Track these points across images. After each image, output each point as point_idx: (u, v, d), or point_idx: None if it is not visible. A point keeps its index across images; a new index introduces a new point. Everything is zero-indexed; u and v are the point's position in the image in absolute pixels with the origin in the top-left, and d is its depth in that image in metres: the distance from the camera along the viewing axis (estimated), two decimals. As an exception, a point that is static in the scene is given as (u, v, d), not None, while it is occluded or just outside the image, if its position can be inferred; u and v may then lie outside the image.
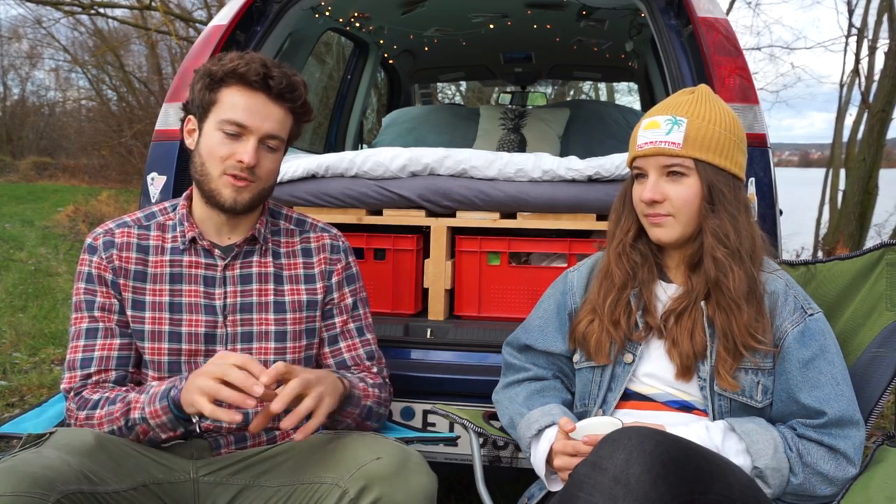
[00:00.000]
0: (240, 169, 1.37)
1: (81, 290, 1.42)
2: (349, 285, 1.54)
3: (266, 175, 1.42)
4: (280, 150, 1.44)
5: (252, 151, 1.36)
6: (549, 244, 2.05)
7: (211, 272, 1.45)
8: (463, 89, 12.34)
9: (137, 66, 17.34)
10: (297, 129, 1.48)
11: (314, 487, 1.24)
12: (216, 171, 1.38)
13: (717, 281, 1.29)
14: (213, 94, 1.39)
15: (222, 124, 1.37)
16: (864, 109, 7.67)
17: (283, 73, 1.39)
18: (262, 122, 1.37)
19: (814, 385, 1.27)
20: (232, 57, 1.39)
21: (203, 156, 1.39)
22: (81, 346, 1.39)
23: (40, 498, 1.05)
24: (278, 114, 1.40)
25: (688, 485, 1.03)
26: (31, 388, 3.39)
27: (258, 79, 1.36)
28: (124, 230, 1.46)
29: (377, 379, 1.51)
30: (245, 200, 1.40)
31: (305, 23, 2.77)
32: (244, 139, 1.37)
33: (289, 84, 1.39)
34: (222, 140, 1.37)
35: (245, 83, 1.37)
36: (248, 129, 1.37)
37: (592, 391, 1.41)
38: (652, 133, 1.32)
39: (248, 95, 1.37)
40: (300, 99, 1.42)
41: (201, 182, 1.41)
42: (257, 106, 1.37)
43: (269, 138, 1.39)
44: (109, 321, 1.40)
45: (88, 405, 1.34)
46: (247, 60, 1.38)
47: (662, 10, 2.14)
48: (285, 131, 1.43)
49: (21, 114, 23.70)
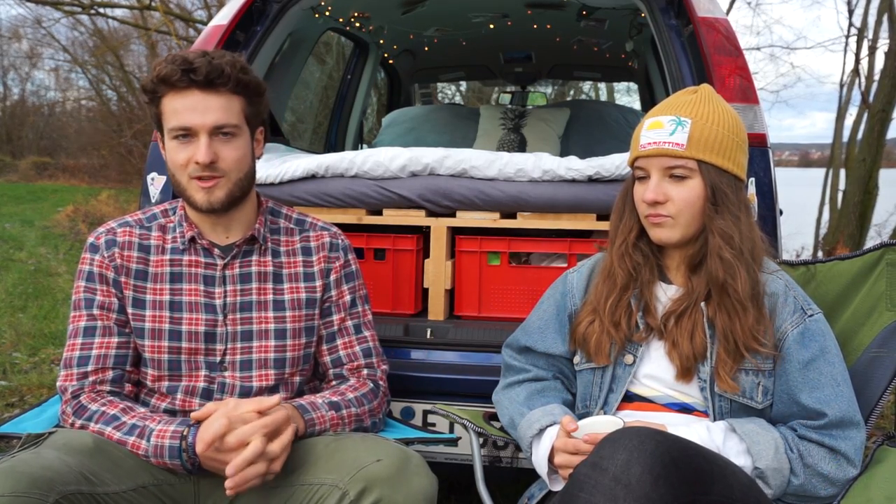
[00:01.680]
0: (200, 170, 1.36)
1: (81, 288, 1.42)
2: (348, 283, 1.54)
3: (233, 165, 1.39)
4: (240, 135, 1.40)
5: (204, 149, 1.35)
6: (549, 244, 2.05)
7: (211, 271, 1.45)
8: (463, 89, 12.34)
9: (137, 66, 17.36)
10: (252, 107, 1.43)
11: (314, 489, 1.24)
12: (184, 179, 1.39)
13: (724, 282, 1.28)
14: (157, 108, 1.39)
15: (171, 132, 1.37)
16: (864, 109, 7.67)
17: (207, 60, 1.34)
18: (203, 118, 1.35)
19: (814, 386, 1.27)
20: (155, 64, 1.37)
21: (170, 168, 1.41)
22: (79, 344, 1.39)
23: (39, 498, 1.05)
24: (217, 102, 1.36)
25: (688, 485, 1.03)
26: (31, 388, 3.39)
27: (179, 76, 1.33)
28: (126, 229, 1.46)
29: (364, 386, 1.49)
30: (220, 198, 1.38)
31: (305, 23, 2.76)
32: (194, 140, 1.36)
33: (212, 69, 1.34)
34: (177, 147, 1.37)
35: (171, 86, 1.35)
36: (191, 129, 1.36)
37: (593, 392, 1.40)
38: (655, 133, 1.31)
39: (181, 96, 1.35)
40: (231, 80, 1.36)
41: (179, 193, 1.43)
42: (193, 103, 1.35)
43: (220, 128, 1.37)
44: (108, 320, 1.40)
45: (84, 415, 1.33)
46: (168, 61, 1.35)
47: (662, 9, 2.14)
48: (235, 115, 1.39)
49: (21, 114, 23.71)
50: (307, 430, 1.34)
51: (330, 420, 1.38)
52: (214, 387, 1.41)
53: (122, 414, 1.32)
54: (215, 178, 1.37)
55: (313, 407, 1.37)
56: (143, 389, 1.44)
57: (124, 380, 1.40)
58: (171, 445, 1.26)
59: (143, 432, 1.28)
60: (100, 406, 1.33)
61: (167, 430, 1.27)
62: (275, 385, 1.44)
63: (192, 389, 1.41)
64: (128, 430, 1.29)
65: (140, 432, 1.29)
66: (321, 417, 1.36)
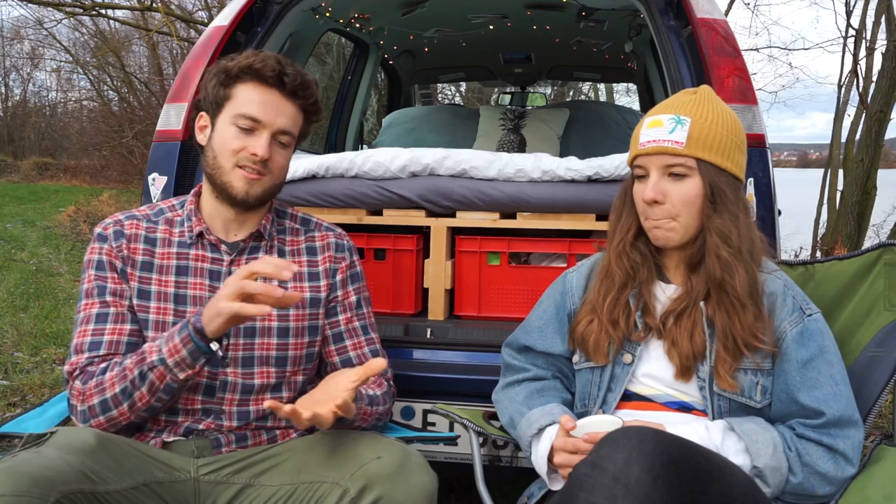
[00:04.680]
0: (252, 162, 1.40)
1: (92, 276, 1.42)
2: (353, 283, 1.55)
3: (277, 170, 1.45)
4: (291, 147, 1.48)
5: (266, 145, 1.40)
6: (548, 244, 2.05)
7: (217, 266, 1.45)
8: (463, 90, 12.35)
9: (138, 67, 17.38)
10: (307, 127, 1.51)
11: (315, 486, 1.25)
12: (229, 164, 1.41)
13: (722, 281, 1.29)
14: (228, 90, 1.42)
15: (236, 119, 1.40)
16: (862, 110, 7.65)
17: (297, 71, 1.44)
18: (275, 118, 1.41)
19: (812, 385, 1.27)
20: (247, 54, 1.43)
21: (216, 149, 1.42)
22: (91, 330, 1.37)
23: (40, 498, 1.05)
24: (291, 110, 1.44)
25: (687, 484, 1.03)
26: (33, 388, 3.40)
27: (273, 75, 1.40)
28: (133, 222, 1.47)
29: (383, 386, 1.51)
30: (257, 193, 1.42)
31: (306, 24, 2.77)
32: (257, 133, 1.40)
33: (302, 82, 1.43)
34: (236, 134, 1.40)
35: (260, 79, 1.41)
36: (261, 123, 1.40)
37: (592, 392, 1.41)
38: (655, 131, 1.32)
39: (263, 91, 1.41)
40: (312, 97, 1.46)
41: (213, 176, 1.43)
42: (271, 101, 1.41)
43: (282, 133, 1.43)
44: (121, 306, 1.40)
45: (96, 374, 1.32)
46: (262, 57, 1.41)
47: (661, 10, 2.14)
48: (297, 128, 1.47)
49: (22, 114, 23.72)
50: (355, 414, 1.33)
51: (362, 413, 1.38)
52: (216, 383, 1.41)
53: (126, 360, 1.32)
54: (261, 175, 1.41)
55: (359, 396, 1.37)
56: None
57: None
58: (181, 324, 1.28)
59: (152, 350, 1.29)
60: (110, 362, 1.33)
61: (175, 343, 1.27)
62: (277, 383, 1.45)
63: (193, 386, 1.41)
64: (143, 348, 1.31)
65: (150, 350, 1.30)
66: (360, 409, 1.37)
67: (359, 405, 1.34)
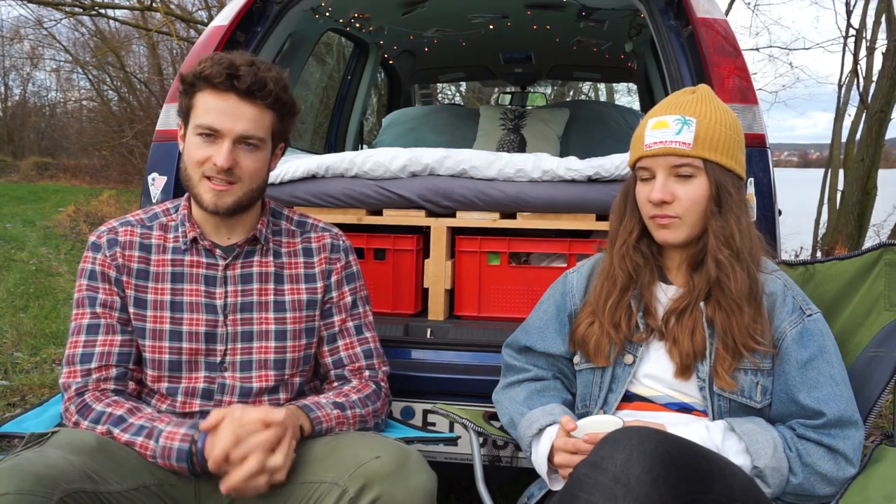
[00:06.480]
0: (216, 171, 1.36)
1: (84, 286, 1.42)
2: (349, 284, 1.55)
3: (249, 175, 1.40)
4: (264, 148, 1.42)
5: (226, 154, 1.35)
6: (548, 244, 2.05)
7: (212, 272, 1.45)
8: (463, 90, 12.34)
9: (138, 67, 17.35)
10: (281, 124, 1.45)
11: (314, 486, 1.25)
12: (196, 176, 1.39)
13: (719, 281, 1.29)
14: (190, 100, 1.39)
15: (197, 129, 1.37)
16: (862, 110, 7.65)
17: (253, 70, 1.36)
18: (233, 124, 1.36)
19: (813, 385, 1.27)
20: (202, 59, 1.38)
21: (185, 161, 1.41)
22: (82, 342, 1.39)
23: (44, 496, 1.05)
24: (251, 113, 1.37)
25: (688, 485, 1.03)
26: (33, 388, 3.39)
27: (222, 80, 1.34)
28: (127, 228, 1.46)
29: (367, 388, 1.49)
30: (227, 204, 1.39)
31: (305, 23, 2.77)
32: (218, 143, 1.37)
33: (256, 81, 1.35)
34: (199, 144, 1.37)
35: (212, 86, 1.36)
36: (219, 132, 1.36)
37: (593, 392, 1.41)
38: (661, 133, 1.32)
39: (218, 98, 1.36)
40: (271, 95, 1.38)
41: (187, 187, 1.42)
42: (228, 107, 1.36)
43: (245, 139, 1.38)
44: (111, 318, 1.41)
45: (90, 416, 1.33)
46: (214, 62, 1.36)
47: (662, 10, 2.14)
48: (263, 129, 1.40)
49: (22, 114, 23.71)
50: (314, 428, 1.33)
51: (336, 419, 1.38)
52: (214, 387, 1.41)
53: (129, 415, 1.32)
54: (228, 184, 1.38)
55: (318, 406, 1.37)
56: (143, 389, 1.44)
57: (127, 377, 1.40)
58: (179, 448, 1.26)
59: (152, 433, 1.29)
60: (105, 406, 1.33)
61: (177, 432, 1.27)
62: (275, 386, 1.45)
63: (192, 390, 1.41)
64: (136, 431, 1.29)
65: (148, 433, 1.29)
66: (327, 416, 1.37)
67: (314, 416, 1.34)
